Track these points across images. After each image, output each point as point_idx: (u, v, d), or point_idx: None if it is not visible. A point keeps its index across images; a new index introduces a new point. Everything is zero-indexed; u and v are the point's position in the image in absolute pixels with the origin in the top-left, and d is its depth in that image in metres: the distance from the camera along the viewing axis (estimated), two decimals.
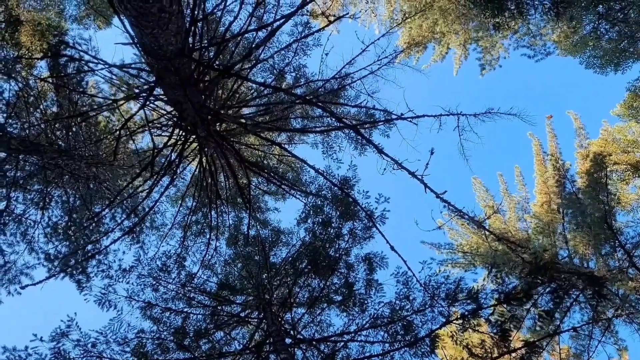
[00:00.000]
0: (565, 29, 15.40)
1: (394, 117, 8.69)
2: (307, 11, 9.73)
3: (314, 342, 8.21)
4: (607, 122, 16.33)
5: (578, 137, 16.48)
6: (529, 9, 13.24)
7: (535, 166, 16.95)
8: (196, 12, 6.11)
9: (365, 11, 17.55)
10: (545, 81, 36.10)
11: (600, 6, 12.96)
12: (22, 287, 10.36)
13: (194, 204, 10.54)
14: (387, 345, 7.67)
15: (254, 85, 10.64)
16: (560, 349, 12.99)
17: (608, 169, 14.33)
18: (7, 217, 10.86)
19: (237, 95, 10.05)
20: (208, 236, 10.25)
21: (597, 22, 14.22)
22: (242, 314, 9.26)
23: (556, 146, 16.59)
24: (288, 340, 8.24)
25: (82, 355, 6.90)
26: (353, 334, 7.96)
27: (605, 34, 14.59)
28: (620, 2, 12.72)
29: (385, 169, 7.99)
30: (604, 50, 15.33)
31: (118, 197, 10.88)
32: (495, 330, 7.25)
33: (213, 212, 10.09)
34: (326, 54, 9.27)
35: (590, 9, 13.24)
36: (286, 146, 11.56)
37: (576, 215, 14.58)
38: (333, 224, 9.03)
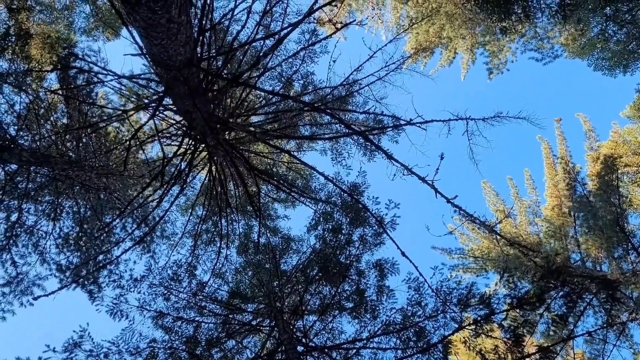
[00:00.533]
0: (572, 32, 15.35)
1: (402, 122, 8.67)
2: (314, 19, 9.77)
3: (326, 350, 8.17)
4: (617, 124, 16.22)
5: (588, 139, 16.38)
6: (535, 12, 13.23)
7: (545, 169, 16.87)
8: (204, 22, 6.15)
9: (372, 18, 17.60)
10: (553, 84, 35.98)
11: (608, 8, 12.91)
12: (35, 298, 10.39)
13: (204, 212, 10.56)
14: (399, 351, 7.62)
15: (262, 94, 10.68)
16: (574, 354, 12.85)
17: (619, 171, 14.23)
18: (19, 229, 10.95)
19: (246, 104, 10.08)
20: (218, 245, 10.27)
21: (604, 24, 14.16)
22: (254, 322, 9.25)
23: (566, 149, 16.51)
24: (300, 348, 8.21)
25: None
26: (365, 341, 7.92)
27: (613, 35, 14.53)
28: (627, 3, 12.66)
29: (395, 174, 7.96)
30: (612, 52, 15.26)
31: (128, 207, 10.92)
32: (508, 336, 7.19)
33: (223, 221, 10.12)
34: (334, 61, 9.30)
35: (597, 11, 13.19)
36: (295, 153, 11.57)
37: (588, 218, 14.48)
38: (343, 231, 9.02)
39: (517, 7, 12.56)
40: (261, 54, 8.17)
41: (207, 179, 10.02)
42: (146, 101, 9.58)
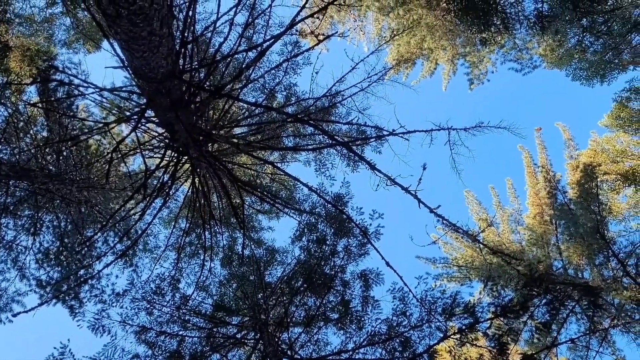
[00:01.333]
0: (550, 43, 15.61)
1: (385, 133, 8.73)
2: (297, 31, 9.81)
3: None
4: (595, 133, 16.55)
5: (567, 148, 16.66)
6: (514, 23, 13.42)
7: (526, 178, 17.09)
8: (186, 34, 6.14)
9: (354, 29, 17.72)
10: (533, 94, 36.55)
11: (584, 19, 13.15)
12: (14, 315, 10.19)
13: (187, 225, 10.47)
14: None
15: (245, 105, 10.67)
16: None
17: (598, 179, 14.47)
18: None
19: (229, 116, 10.07)
20: (202, 257, 10.18)
21: (581, 35, 14.43)
22: (238, 335, 9.16)
23: (546, 158, 16.75)
24: None
25: None
26: (351, 352, 7.89)
27: (590, 46, 14.80)
28: (603, 15, 12.92)
29: (378, 185, 7.99)
30: (590, 62, 15.54)
31: (110, 221, 10.80)
32: (493, 344, 7.21)
33: (207, 233, 10.04)
34: (316, 73, 9.34)
35: (574, 23, 13.43)
36: (279, 165, 11.57)
37: (569, 226, 14.66)
38: (328, 242, 9.01)
39: (496, 18, 12.74)
40: (244, 66, 8.17)
41: (190, 191, 9.95)
42: (128, 114, 9.51)
